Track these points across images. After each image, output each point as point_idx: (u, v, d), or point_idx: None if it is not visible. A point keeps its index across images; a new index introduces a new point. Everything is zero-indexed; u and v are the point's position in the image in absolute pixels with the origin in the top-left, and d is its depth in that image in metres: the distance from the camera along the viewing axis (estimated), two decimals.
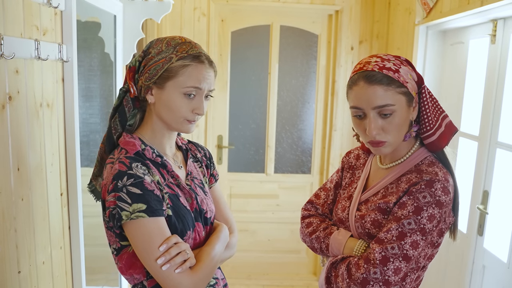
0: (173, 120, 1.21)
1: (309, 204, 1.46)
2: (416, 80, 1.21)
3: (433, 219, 1.14)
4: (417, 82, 1.21)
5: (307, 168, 3.68)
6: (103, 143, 1.28)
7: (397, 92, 1.16)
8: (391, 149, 1.22)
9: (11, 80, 1.36)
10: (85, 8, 2.02)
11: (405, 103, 1.18)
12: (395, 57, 1.21)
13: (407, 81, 1.17)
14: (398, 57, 1.22)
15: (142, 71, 1.21)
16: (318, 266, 3.70)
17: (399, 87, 1.16)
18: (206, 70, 1.20)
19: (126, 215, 1.10)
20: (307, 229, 1.38)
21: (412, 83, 1.19)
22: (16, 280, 1.41)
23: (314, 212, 1.43)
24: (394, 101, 1.15)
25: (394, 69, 1.17)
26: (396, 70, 1.17)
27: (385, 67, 1.16)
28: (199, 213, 1.27)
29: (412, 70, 1.21)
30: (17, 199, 1.41)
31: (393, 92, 1.15)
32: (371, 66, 1.17)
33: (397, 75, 1.16)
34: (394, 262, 1.12)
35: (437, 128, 1.22)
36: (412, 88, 1.19)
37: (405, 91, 1.17)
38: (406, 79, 1.17)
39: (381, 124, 1.17)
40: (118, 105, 1.25)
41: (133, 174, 1.12)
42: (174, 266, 1.11)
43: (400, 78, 1.16)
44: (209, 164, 1.44)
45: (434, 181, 1.15)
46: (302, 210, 1.46)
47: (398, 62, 1.20)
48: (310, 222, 1.39)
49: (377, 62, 1.18)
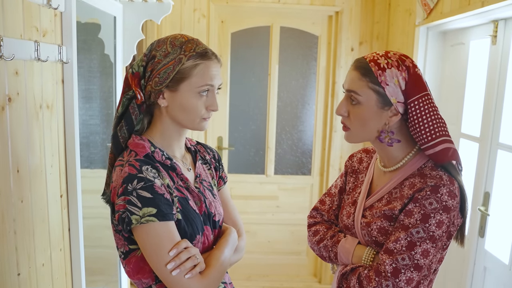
0: (189, 121, 1.20)
1: (314, 211, 1.44)
2: (403, 89, 1.16)
3: (442, 225, 1.12)
4: (404, 92, 1.16)
5: (307, 170, 3.67)
6: (112, 152, 1.25)
7: (369, 87, 1.16)
8: (355, 139, 1.24)
9: (11, 81, 1.36)
10: (85, 9, 2.01)
11: (375, 102, 1.17)
12: (400, 60, 1.17)
13: (387, 83, 1.15)
14: (403, 61, 1.18)
15: (150, 76, 1.18)
16: (318, 268, 3.70)
17: (373, 83, 1.15)
18: (215, 66, 1.20)
19: (136, 219, 1.08)
20: (314, 237, 1.36)
21: (394, 88, 1.15)
22: (16, 282, 1.41)
23: (320, 219, 1.41)
24: (362, 93, 1.17)
25: (382, 66, 1.16)
26: (383, 68, 1.15)
27: (376, 62, 1.17)
28: (208, 216, 1.26)
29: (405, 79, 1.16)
30: (16, 201, 1.40)
31: (365, 83, 1.17)
32: (369, 56, 1.19)
33: (379, 72, 1.15)
34: (405, 273, 1.11)
35: (430, 147, 1.17)
36: (392, 94, 1.15)
37: (379, 90, 1.16)
38: (387, 81, 1.15)
39: (348, 108, 1.21)
40: (123, 113, 1.22)
41: (143, 178, 1.11)
42: (184, 271, 1.10)
43: (380, 76, 1.15)
44: (218, 166, 1.42)
45: (439, 186, 1.13)
46: (308, 218, 1.44)
47: (396, 65, 1.16)
48: (316, 230, 1.37)
49: (376, 55, 1.19)
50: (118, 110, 1.22)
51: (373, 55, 1.19)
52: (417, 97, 1.16)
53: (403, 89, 1.16)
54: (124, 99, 1.21)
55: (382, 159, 1.30)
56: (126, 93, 1.21)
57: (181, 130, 1.25)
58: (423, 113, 1.16)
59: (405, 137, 1.23)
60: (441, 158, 1.17)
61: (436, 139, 1.16)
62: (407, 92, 1.16)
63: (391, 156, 1.25)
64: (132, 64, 1.23)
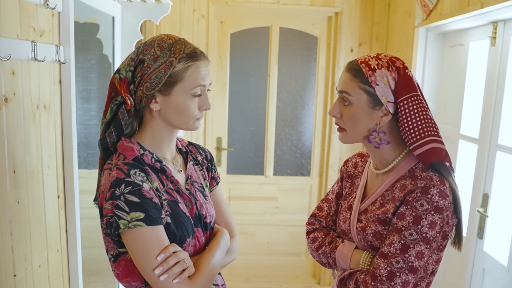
0: (183, 122, 1.20)
1: (312, 218, 1.45)
2: (393, 89, 1.18)
3: (435, 225, 1.12)
4: (394, 92, 1.18)
5: (306, 171, 3.67)
6: (101, 158, 1.24)
7: (359, 87, 1.19)
8: (348, 140, 1.26)
9: (7, 81, 1.35)
10: (83, 9, 2.01)
11: (366, 102, 1.19)
12: (390, 62, 1.19)
13: (378, 83, 1.17)
14: (393, 62, 1.19)
15: (141, 81, 1.16)
16: (318, 269, 3.69)
17: (363, 83, 1.18)
18: (205, 66, 1.20)
19: (124, 224, 1.08)
20: (313, 244, 1.37)
21: (384, 88, 1.17)
22: (12, 283, 1.40)
23: (318, 225, 1.42)
24: (353, 93, 1.20)
25: (372, 67, 1.18)
26: (373, 69, 1.18)
27: (367, 63, 1.19)
28: (199, 218, 1.25)
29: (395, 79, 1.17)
30: (13, 201, 1.40)
31: (356, 84, 1.19)
32: (361, 58, 1.22)
33: (370, 73, 1.17)
34: (401, 276, 1.11)
35: (418, 146, 1.17)
36: (383, 94, 1.18)
37: (369, 90, 1.18)
38: (377, 81, 1.17)
39: (340, 109, 1.24)
40: (111, 118, 1.20)
41: (131, 182, 1.10)
42: (172, 276, 1.09)
43: (370, 77, 1.17)
44: (210, 167, 1.41)
45: (429, 187, 1.13)
46: (307, 225, 1.44)
47: (386, 65, 1.18)
48: (315, 237, 1.38)
49: (367, 57, 1.21)
50: (105, 115, 1.20)
51: (364, 57, 1.22)
52: (406, 97, 1.17)
53: (393, 88, 1.18)
54: (112, 104, 1.18)
55: (374, 162, 1.31)
56: (115, 99, 1.18)
57: (172, 131, 1.25)
58: (412, 112, 1.17)
59: (396, 139, 1.24)
60: (428, 159, 1.17)
61: (424, 139, 1.16)
62: (397, 92, 1.18)
63: (382, 158, 1.26)
64: (118, 69, 1.20)
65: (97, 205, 1.22)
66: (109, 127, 1.21)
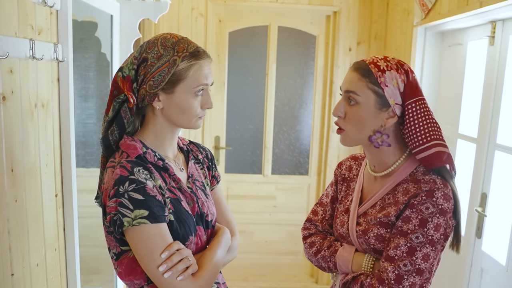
0: (186, 121, 1.21)
1: (307, 223, 1.43)
2: (401, 91, 1.18)
3: (439, 228, 1.14)
4: (402, 94, 1.18)
5: (304, 170, 3.67)
6: (103, 156, 1.24)
7: (368, 87, 1.17)
8: (350, 142, 1.24)
9: (5, 80, 1.34)
10: (82, 7, 2.00)
11: (373, 103, 1.18)
12: (399, 64, 1.20)
13: (387, 85, 1.17)
14: (402, 65, 1.20)
15: (144, 79, 1.16)
16: (315, 268, 3.69)
17: (373, 83, 1.17)
18: (208, 64, 1.20)
19: (128, 222, 1.08)
20: (311, 249, 1.36)
21: (393, 90, 1.17)
22: (9, 282, 1.39)
23: (314, 230, 1.41)
24: (361, 93, 1.18)
25: (382, 68, 1.17)
26: (383, 70, 1.17)
27: (376, 64, 1.18)
28: (200, 216, 1.26)
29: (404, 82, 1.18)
30: (10, 200, 1.39)
31: (364, 84, 1.18)
32: (369, 59, 1.21)
33: (379, 74, 1.17)
34: (408, 279, 1.12)
35: (423, 150, 1.17)
36: (391, 95, 1.17)
37: (378, 91, 1.17)
38: (386, 82, 1.17)
39: (345, 109, 1.22)
40: (114, 116, 1.20)
41: (135, 179, 1.10)
42: (176, 273, 1.10)
43: (379, 78, 1.16)
44: (211, 166, 1.41)
45: (434, 190, 1.14)
46: (302, 230, 1.43)
47: (395, 67, 1.18)
48: (312, 242, 1.37)
49: (375, 58, 1.21)
50: (108, 114, 1.20)
51: (372, 58, 1.21)
52: (414, 100, 1.18)
53: (402, 91, 1.18)
54: (114, 103, 1.18)
55: (372, 163, 1.30)
56: (117, 97, 1.18)
57: (175, 130, 1.25)
58: (419, 116, 1.17)
59: (397, 141, 1.24)
60: (433, 162, 1.17)
61: (429, 142, 1.17)
62: (405, 95, 1.18)
63: (381, 160, 1.26)
64: (121, 67, 1.20)
65: (99, 203, 1.22)
66: (111, 125, 1.21)
